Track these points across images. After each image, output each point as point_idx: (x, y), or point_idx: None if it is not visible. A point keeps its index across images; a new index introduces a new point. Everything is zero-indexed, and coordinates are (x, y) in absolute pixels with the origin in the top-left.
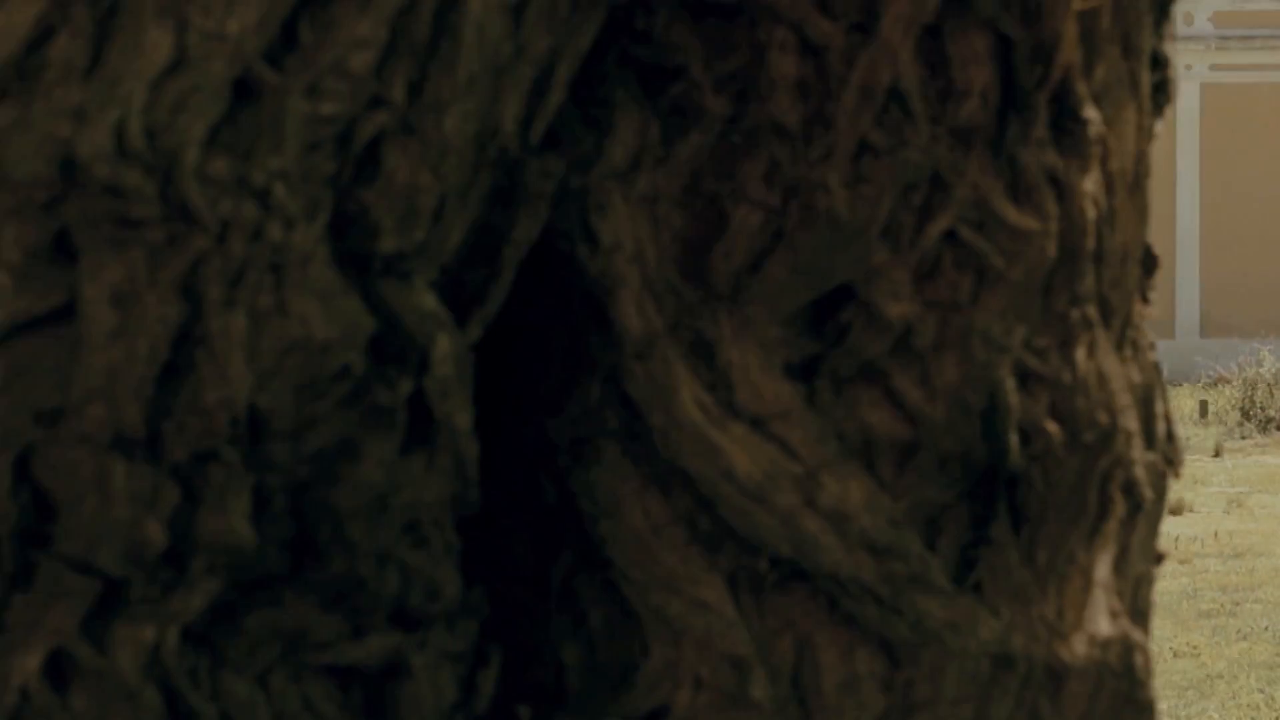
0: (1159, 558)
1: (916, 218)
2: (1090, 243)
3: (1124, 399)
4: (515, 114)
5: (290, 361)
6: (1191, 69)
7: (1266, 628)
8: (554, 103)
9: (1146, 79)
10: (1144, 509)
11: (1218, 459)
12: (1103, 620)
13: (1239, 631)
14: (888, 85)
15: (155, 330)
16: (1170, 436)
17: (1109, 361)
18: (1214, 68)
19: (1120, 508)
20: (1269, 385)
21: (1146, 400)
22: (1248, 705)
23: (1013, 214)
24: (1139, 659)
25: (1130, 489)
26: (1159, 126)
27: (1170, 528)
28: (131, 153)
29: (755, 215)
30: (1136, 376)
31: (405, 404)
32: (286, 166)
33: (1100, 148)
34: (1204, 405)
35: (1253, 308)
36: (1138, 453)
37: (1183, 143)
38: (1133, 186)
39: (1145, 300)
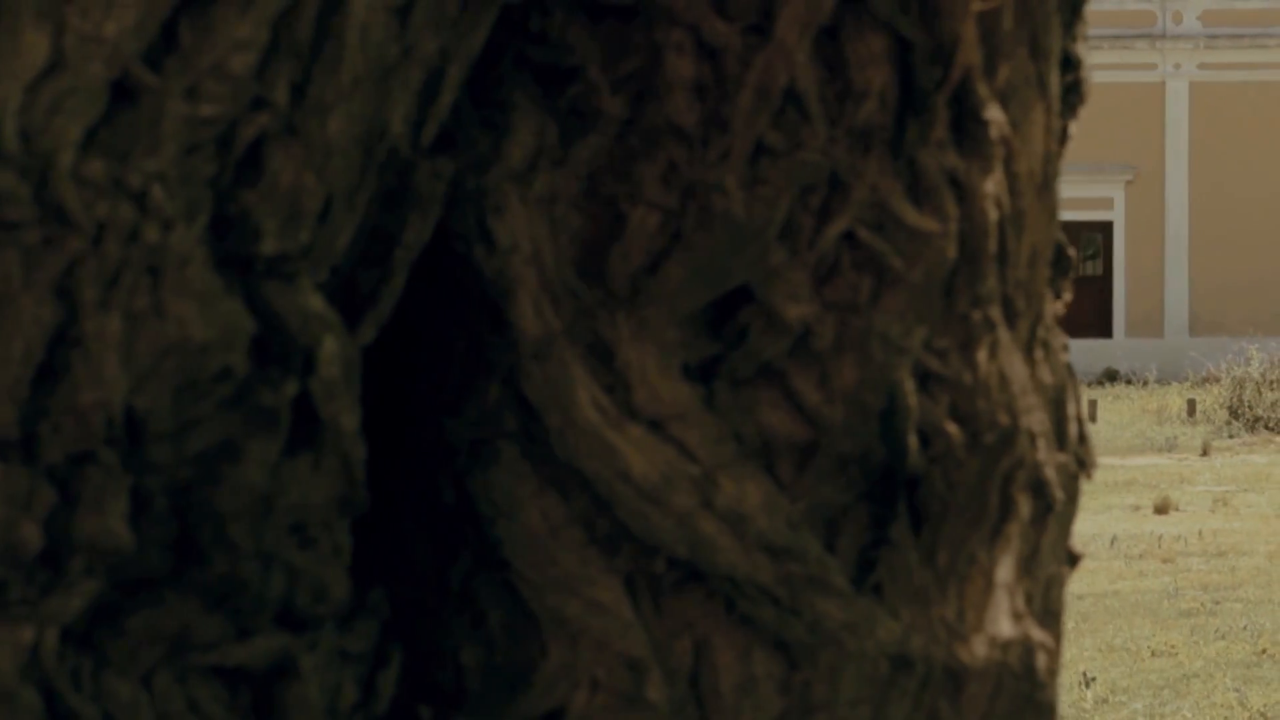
0: (1075, 559)
1: (815, 219)
2: (992, 244)
3: (1028, 400)
4: (404, 116)
5: (168, 363)
6: (1180, 68)
7: (1245, 627)
8: (445, 104)
9: (1055, 80)
10: (1055, 510)
11: (1205, 458)
12: (1004, 621)
13: (1217, 631)
14: (784, 87)
15: (30, 332)
16: (1082, 438)
17: (1013, 362)
18: (1202, 66)
19: (1023, 509)
20: (1257, 384)
21: (1058, 401)
22: (1221, 705)
23: (912, 215)
24: (1040, 660)
25: (1040, 490)
26: (1157, 125)
27: (1156, 526)
28: (6, 155)
29: (653, 217)
30: (1048, 377)
31: (290, 406)
32: (164, 168)
33: (1004, 149)
34: (1192, 404)
35: (1242, 307)
36: (1046, 454)
37: (1171, 142)
38: (1042, 187)
39: (1059, 300)
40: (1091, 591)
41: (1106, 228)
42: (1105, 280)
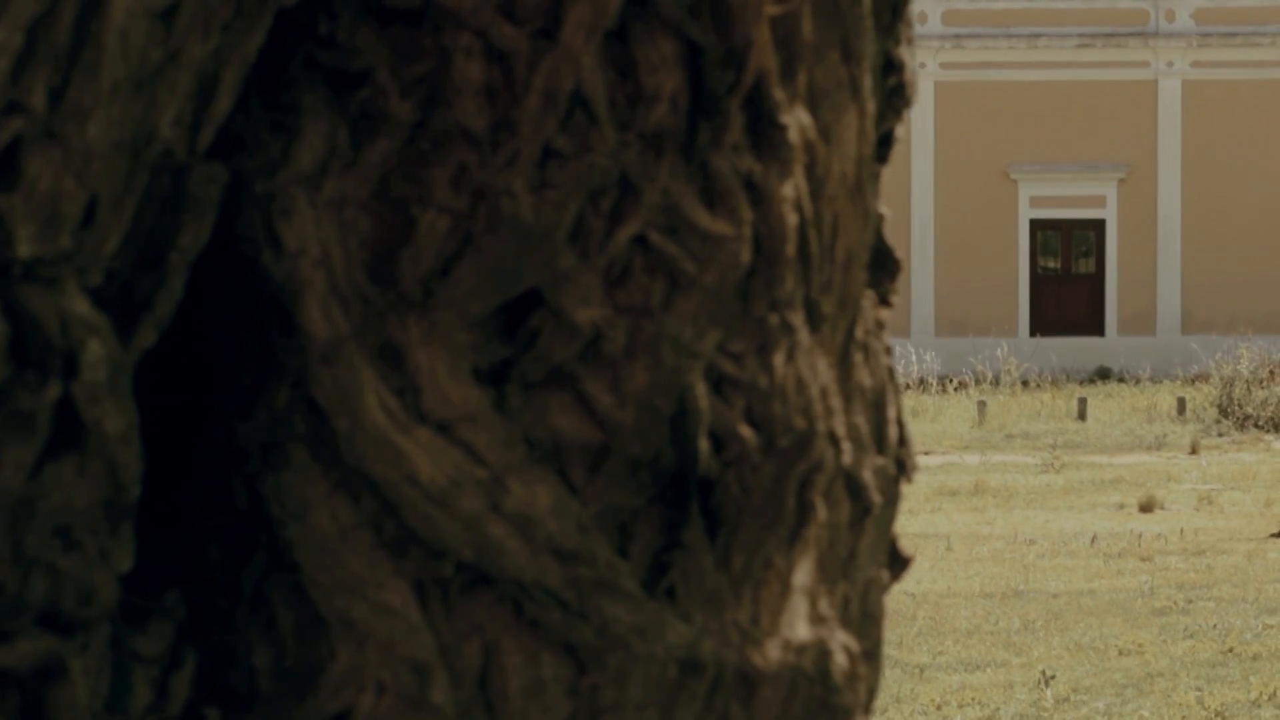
0: (904, 561)
1: (606, 223)
2: (790, 247)
3: (832, 403)
4: (176, 119)
5: None
6: (1173, 66)
7: (1215, 626)
8: (222, 109)
9: (868, 83)
10: (873, 513)
11: (1194, 456)
12: (800, 625)
13: (1186, 630)
14: (571, 90)
15: None
16: (903, 440)
17: (813, 365)
18: (1195, 65)
19: (822, 513)
20: (1247, 382)
21: (878, 404)
22: (1180, 705)
23: (705, 219)
24: (838, 663)
25: (857, 493)
26: (1150, 124)
27: (1139, 525)
28: None
29: (443, 220)
30: (867, 380)
31: (53, 409)
32: None
33: (808, 153)
34: (1181, 402)
35: (1234, 305)
36: (864, 457)
37: (1164, 140)
38: (855, 190)
39: (885, 304)
40: (1067, 590)
41: (1099, 226)
42: (1098, 278)
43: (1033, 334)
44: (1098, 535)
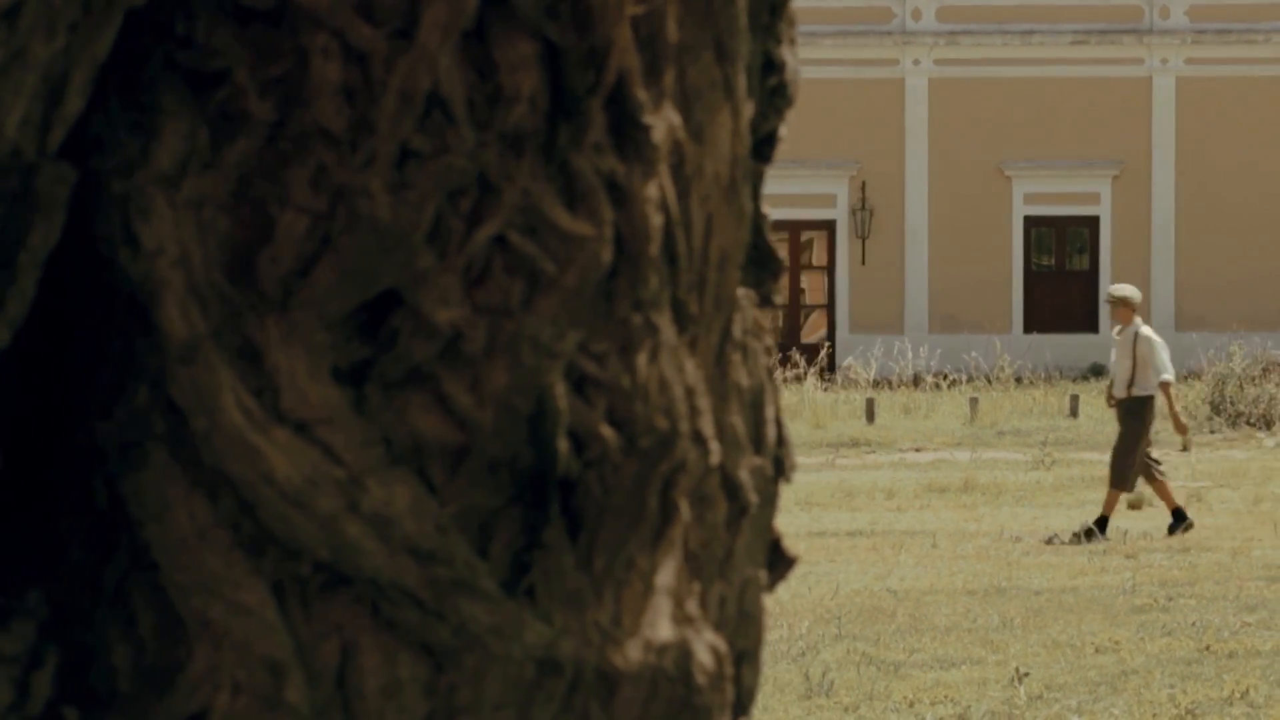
0: (789, 561)
1: (465, 223)
2: (654, 248)
3: (698, 403)
4: (24, 120)
5: None
6: (1167, 63)
7: (1193, 623)
8: (72, 109)
9: (743, 83)
10: (749, 513)
11: (1185, 453)
12: (663, 625)
13: (1164, 627)
14: (427, 91)
15: None
16: (781, 440)
17: (678, 366)
18: (1190, 61)
19: (686, 513)
20: (1239, 380)
21: (756, 405)
22: (1151, 703)
23: (565, 219)
24: (700, 664)
25: (733, 493)
26: (1144, 121)
27: (1125, 523)
28: None
29: (302, 220)
30: (745, 380)
31: None
32: None
33: (675, 153)
34: None
35: (1228, 302)
36: (719, 456)
37: (1158, 137)
38: (729, 190)
39: (768, 303)
40: (1049, 587)
41: (1093, 222)
42: (1092, 275)
43: (1027, 331)
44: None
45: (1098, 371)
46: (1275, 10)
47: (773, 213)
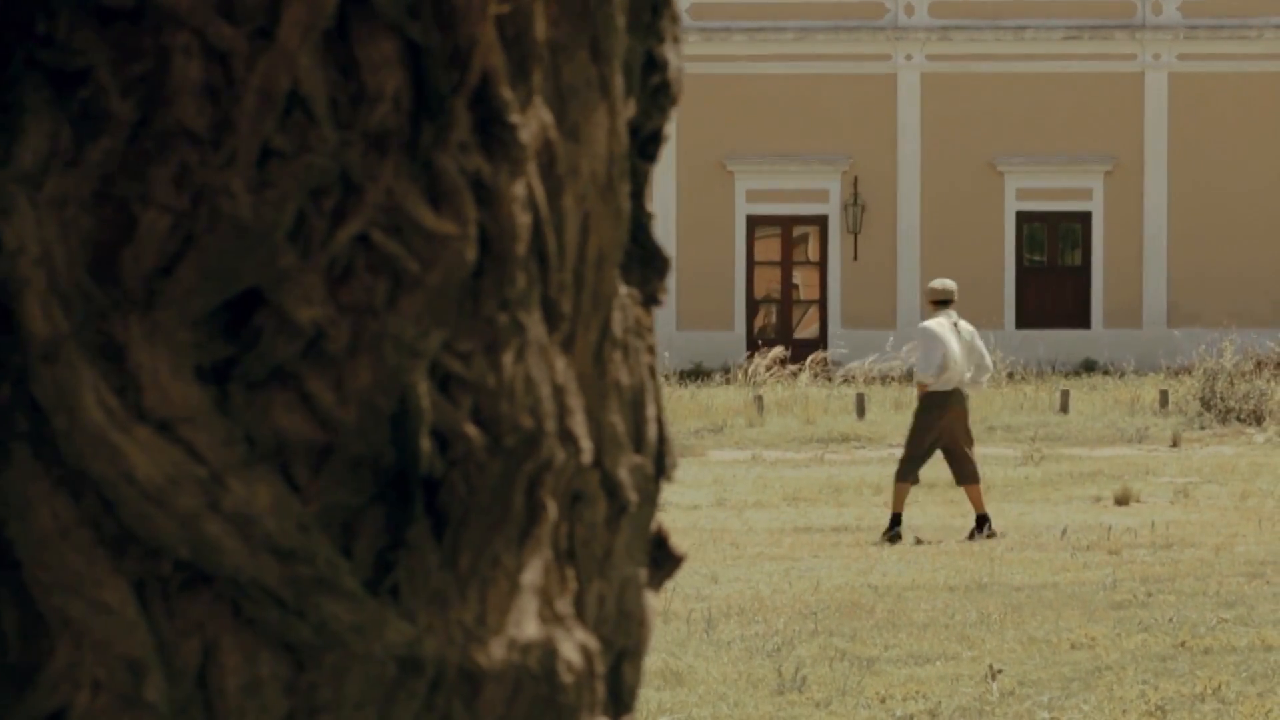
0: (676, 559)
1: (328, 222)
2: (520, 247)
3: (568, 402)
4: None
5: None
6: (1160, 58)
7: (1171, 619)
8: None
9: (620, 82)
10: (629, 511)
11: (1174, 449)
12: (528, 624)
13: (1141, 623)
14: (288, 90)
15: None
16: (662, 439)
17: (546, 365)
18: (1182, 57)
19: (552, 512)
20: (1230, 375)
21: (636, 403)
22: (1121, 700)
23: (429, 218)
24: (566, 662)
25: (612, 492)
26: (1136, 116)
27: (1111, 518)
28: None
29: (164, 219)
30: (625, 379)
31: None
32: None
33: (545, 152)
34: (1164, 395)
35: (1220, 298)
36: (589, 455)
37: (1150, 133)
38: (606, 189)
39: (654, 301)
40: (1030, 583)
41: (1085, 218)
42: (1084, 271)
43: (1019, 326)
44: (1069, 528)
45: (1090, 367)
46: (1268, 5)
47: (764, 208)
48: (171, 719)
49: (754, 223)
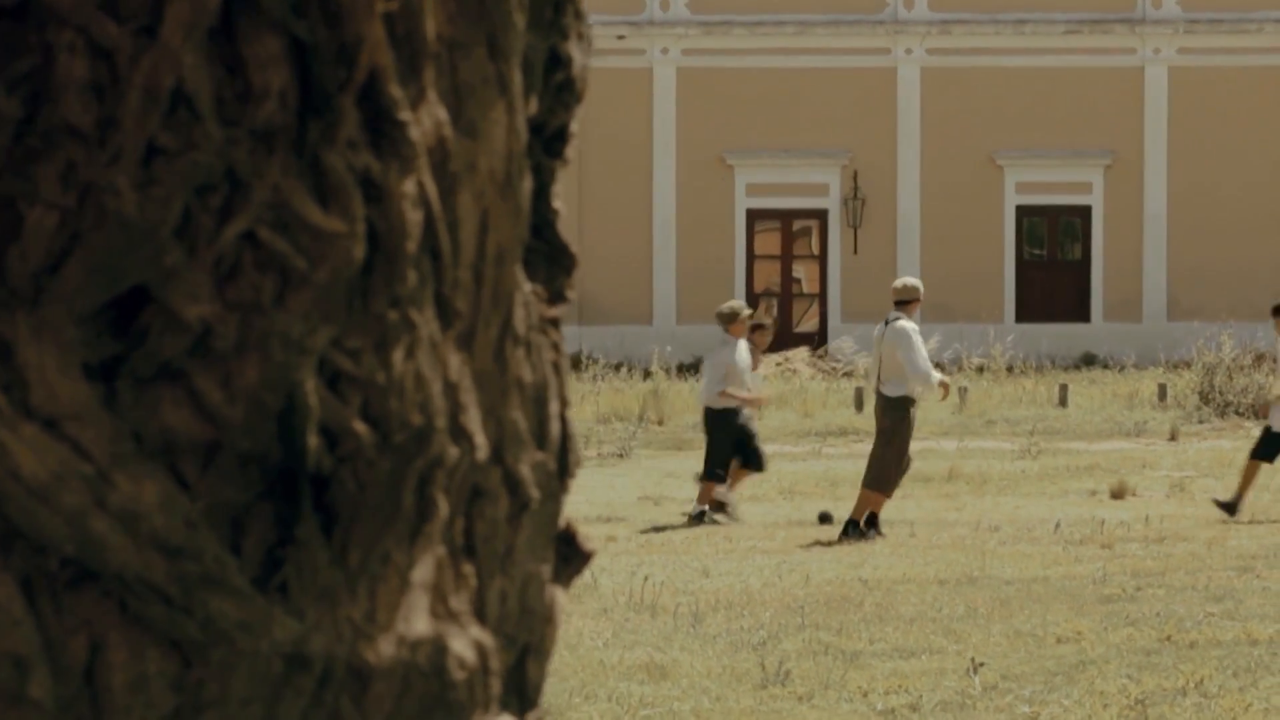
0: (584, 555)
1: (215, 220)
2: (411, 244)
3: (462, 399)
4: None
5: None
6: (1160, 52)
7: (1158, 613)
8: None
9: (519, 79)
10: (530, 508)
11: (1172, 443)
12: (418, 621)
13: (1128, 617)
14: (172, 87)
15: None
16: (565, 436)
17: (446, 361)
18: (1182, 51)
19: (444, 509)
20: (1228, 369)
21: (540, 400)
22: (1102, 694)
23: (317, 216)
24: (457, 659)
25: (514, 488)
26: (1136, 110)
27: (1106, 512)
28: None
29: (51, 217)
30: (528, 376)
31: None
32: None
33: (439, 150)
34: (1163, 388)
35: (1220, 292)
36: (484, 452)
37: (1150, 126)
38: (505, 186)
39: (562, 298)
40: (1020, 577)
41: (1085, 212)
42: (1084, 265)
43: (1018, 320)
44: (1062, 522)
45: (1089, 361)
46: (1268, 0)
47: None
48: (58, 716)
49: (754, 217)
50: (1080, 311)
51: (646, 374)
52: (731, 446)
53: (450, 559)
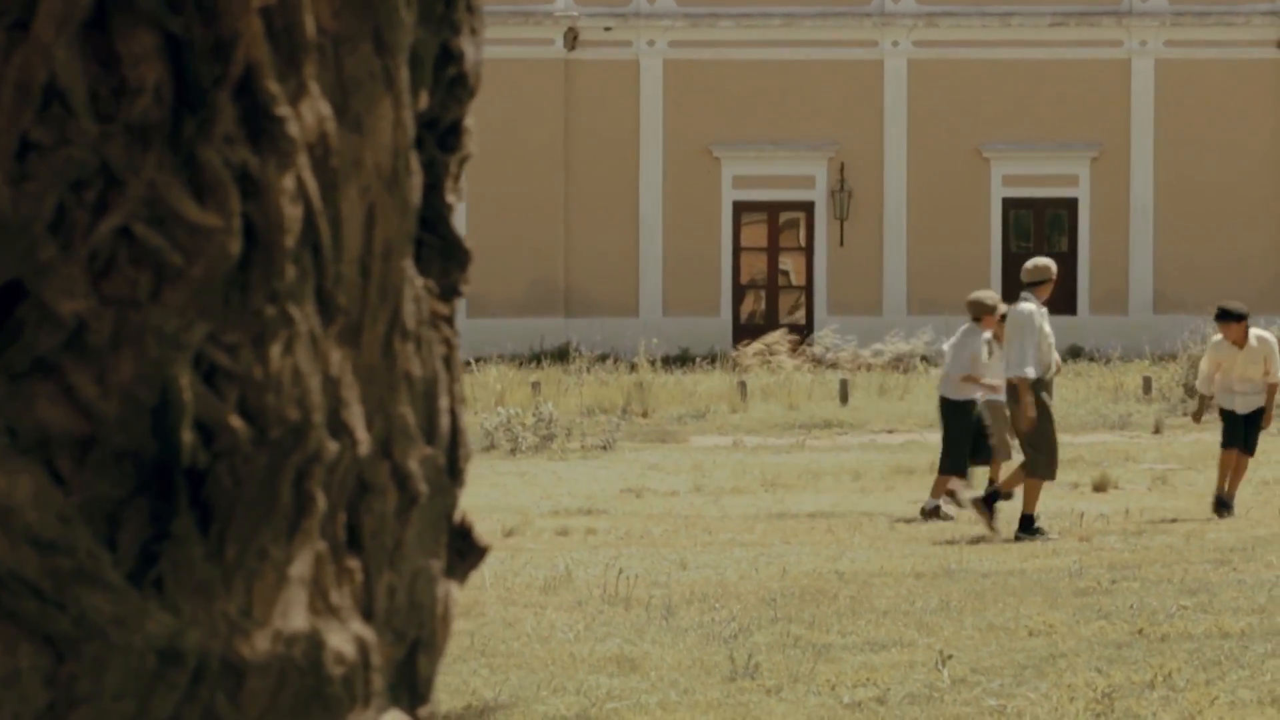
0: (480, 550)
1: (90, 214)
2: (289, 239)
3: (343, 394)
4: None
5: None
6: (1146, 45)
7: (1131, 606)
8: None
9: (405, 74)
10: (419, 503)
11: (1156, 435)
12: (296, 616)
13: (1101, 610)
14: (44, 83)
15: None
16: (455, 430)
17: (327, 356)
18: (1169, 44)
19: (321, 504)
20: None
21: (429, 395)
22: (1070, 687)
23: (192, 211)
24: (334, 654)
25: (402, 483)
26: (1123, 103)
27: (1086, 505)
28: None
29: None
30: (417, 371)
31: None
32: None
33: (320, 145)
34: (1148, 381)
35: (1206, 285)
36: (366, 448)
37: (1137, 119)
38: (392, 181)
39: (455, 293)
40: (997, 570)
41: (1071, 204)
42: (1070, 257)
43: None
44: (1042, 515)
45: (1075, 353)
46: None
47: (751, 194)
48: None
49: (740, 209)
50: (1066, 304)
51: (632, 366)
52: (970, 439)
53: (332, 554)
